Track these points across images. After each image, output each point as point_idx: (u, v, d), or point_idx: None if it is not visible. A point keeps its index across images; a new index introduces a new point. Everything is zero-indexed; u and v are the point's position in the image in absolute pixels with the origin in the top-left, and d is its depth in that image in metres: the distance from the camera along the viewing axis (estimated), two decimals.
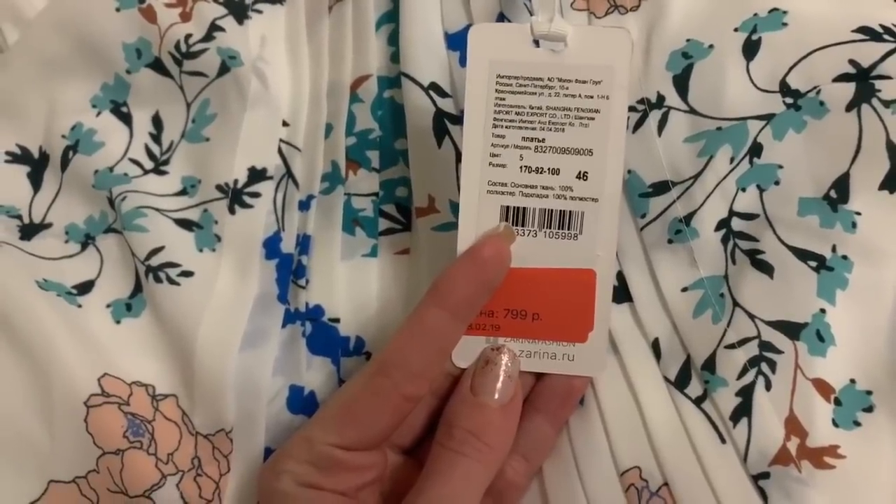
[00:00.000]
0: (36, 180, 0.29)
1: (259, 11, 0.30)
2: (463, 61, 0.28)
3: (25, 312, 0.25)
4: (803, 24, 0.25)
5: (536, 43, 0.23)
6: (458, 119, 0.28)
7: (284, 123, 0.29)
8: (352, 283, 0.28)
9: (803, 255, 0.25)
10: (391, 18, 0.29)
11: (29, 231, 0.28)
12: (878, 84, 0.24)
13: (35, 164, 0.29)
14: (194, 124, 0.29)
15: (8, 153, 0.29)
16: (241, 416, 0.25)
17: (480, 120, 0.24)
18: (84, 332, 0.26)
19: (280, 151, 0.29)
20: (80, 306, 0.27)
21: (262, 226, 0.28)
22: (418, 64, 0.28)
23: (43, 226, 0.28)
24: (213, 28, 0.29)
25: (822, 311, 0.24)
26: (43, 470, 0.25)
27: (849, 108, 0.25)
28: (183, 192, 0.29)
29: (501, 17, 0.29)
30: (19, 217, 0.28)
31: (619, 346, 0.26)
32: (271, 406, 0.26)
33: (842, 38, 0.25)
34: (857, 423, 0.24)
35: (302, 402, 0.27)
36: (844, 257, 0.24)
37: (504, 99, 0.23)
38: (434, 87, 0.28)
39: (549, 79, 0.23)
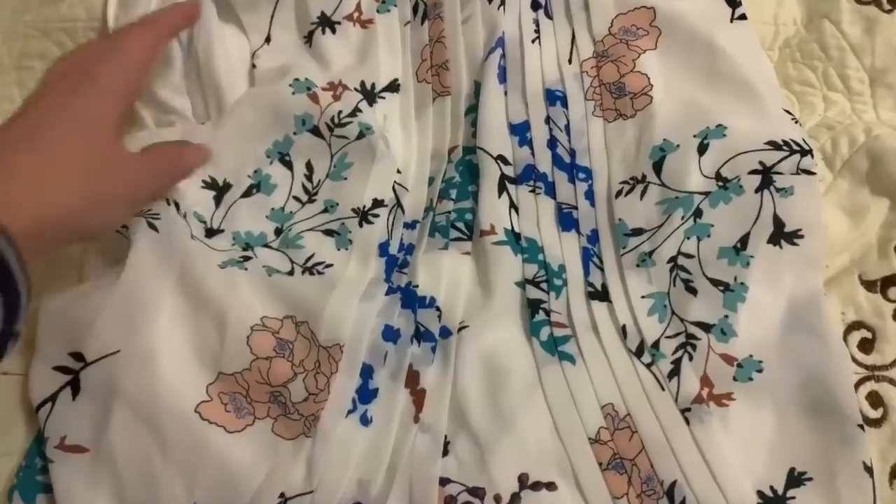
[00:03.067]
0: (218, 201, 0.40)
1: (383, 97, 0.42)
2: (521, 143, 0.40)
3: (211, 278, 0.36)
4: (736, 136, 0.37)
5: None
6: (513, 180, 0.40)
7: (398, 171, 0.41)
8: (431, 266, 0.38)
9: (715, 282, 0.36)
10: (473, 110, 0.41)
11: (210, 233, 0.39)
12: (775, 178, 0.36)
13: (219, 190, 0.40)
14: (335, 169, 0.40)
15: (203, 181, 0.40)
16: (351, 336, 0.35)
17: None
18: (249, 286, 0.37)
19: (393, 189, 0.40)
20: (246, 269, 0.37)
21: (378, 236, 0.39)
22: (490, 143, 0.39)
23: (218, 230, 0.39)
24: (356, 109, 0.41)
25: (726, 316, 0.35)
26: (215, 365, 0.35)
27: (756, 191, 0.36)
28: (324, 211, 0.40)
29: (548, 119, 0.41)
30: (205, 223, 0.39)
31: (599, 329, 0.37)
32: (372, 334, 0.36)
33: (757, 147, 0.37)
34: (751, 379, 0.35)
35: (392, 335, 0.36)
36: (742, 283, 0.35)
37: None
38: (501, 158, 0.39)
39: None
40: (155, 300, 0.36)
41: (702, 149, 0.37)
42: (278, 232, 0.40)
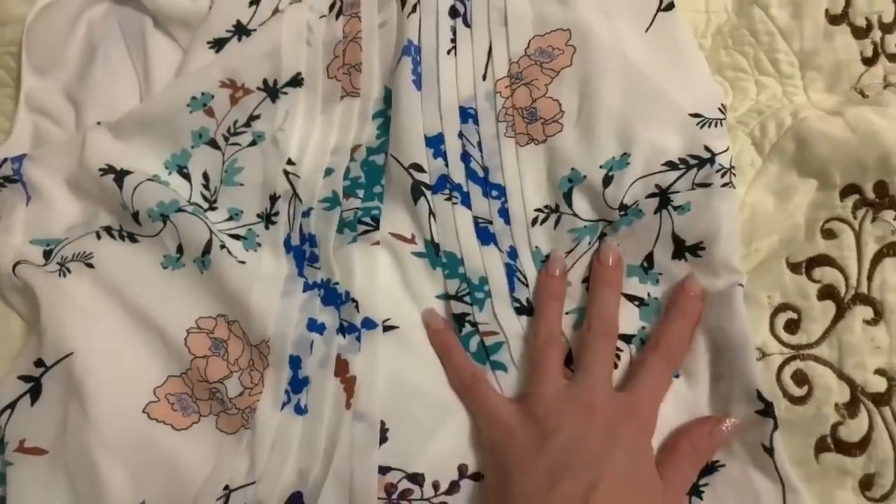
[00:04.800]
0: (120, 185, 0.41)
1: (285, 93, 0.43)
2: (435, 155, 0.41)
3: (147, 292, 0.40)
4: (635, 163, 0.39)
5: None
6: (427, 186, 0.40)
7: (290, 162, 0.42)
8: (342, 261, 0.39)
9: (631, 298, 0.38)
10: (381, 115, 0.43)
11: (135, 216, 0.41)
12: (672, 197, 0.38)
13: (118, 175, 0.41)
14: (227, 174, 0.43)
15: (101, 169, 0.42)
16: (276, 332, 0.37)
17: None
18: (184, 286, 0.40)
19: (288, 179, 0.41)
20: (184, 266, 0.40)
21: (282, 233, 0.41)
22: (402, 152, 0.40)
23: (134, 213, 0.41)
24: (252, 117, 0.43)
25: (644, 327, 0.38)
26: (164, 366, 0.38)
27: (655, 212, 0.38)
28: (230, 219, 0.42)
29: (461, 134, 0.42)
30: (123, 205, 0.41)
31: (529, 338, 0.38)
32: (297, 328, 0.38)
33: (653, 170, 0.38)
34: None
35: (317, 328, 0.38)
36: (655, 298, 0.38)
37: None
38: (414, 166, 0.40)
39: None
40: (100, 318, 0.39)
41: (606, 181, 0.39)
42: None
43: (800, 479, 0.34)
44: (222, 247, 0.39)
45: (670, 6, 0.42)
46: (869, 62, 0.42)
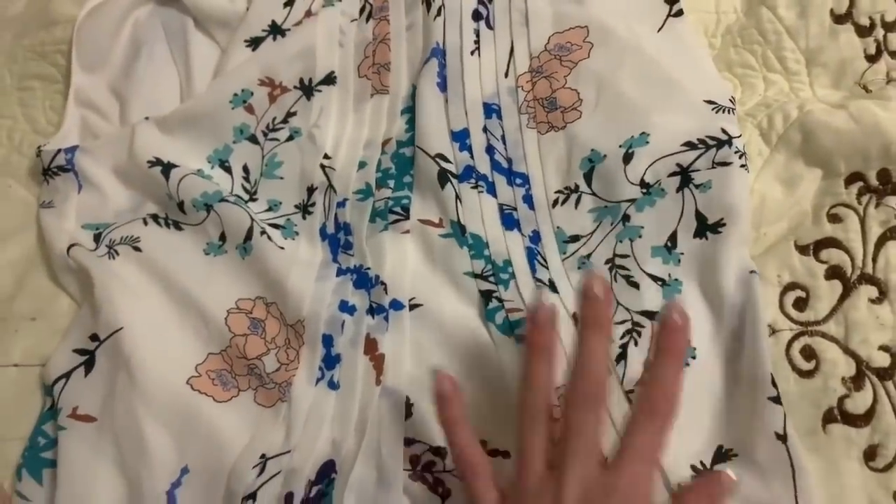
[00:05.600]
0: (167, 176, 0.44)
1: (319, 91, 0.46)
2: (461, 148, 0.43)
3: (191, 273, 0.43)
4: (656, 142, 0.40)
5: None
6: (455, 175, 0.42)
7: (326, 156, 0.44)
8: (374, 248, 0.42)
9: (654, 278, 0.39)
10: (409, 111, 0.45)
11: (181, 206, 0.44)
12: (693, 175, 0.39)
13: (165, 167, 0.44)
14: (267, 168, 0.45)
15: (148, 161, 0.45)
16: (310, 313, 0.40)
17: None
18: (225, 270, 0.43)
19: (324, 171, 0.43)
20: (226, 252, 0.43)
21: (318, 222, 0.43)
22: (428, 143, 0.43)
23: (179, 202, 0.43)
24: (289, 114, 0.45)
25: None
26: (205, 345, 0.41)
27: (677, 191, 0.40)
28: (269, 210, 0.44)
29: (485, 129, 0.44)
30: (170, 196, 0.44)
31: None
32: (329, 308, 0.40)
33: (674, 150, 0.40)
34: (688, 364, 0.37)
35: (348, 309, 0.40)
36: (676, 279, 0.39)
37: None
38: (440, 156, 0.42)
39: None
40: (147, 297, 0.41)
41: (626, 158, 0.40)
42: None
43: (808, 449, 0.36)
44: (262, 233, 0.42)
45: (680, 12, 0.45)
46: (872, 59, 0.44)
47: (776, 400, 0.35)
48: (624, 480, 0.29)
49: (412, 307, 0.40)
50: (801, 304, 0.38)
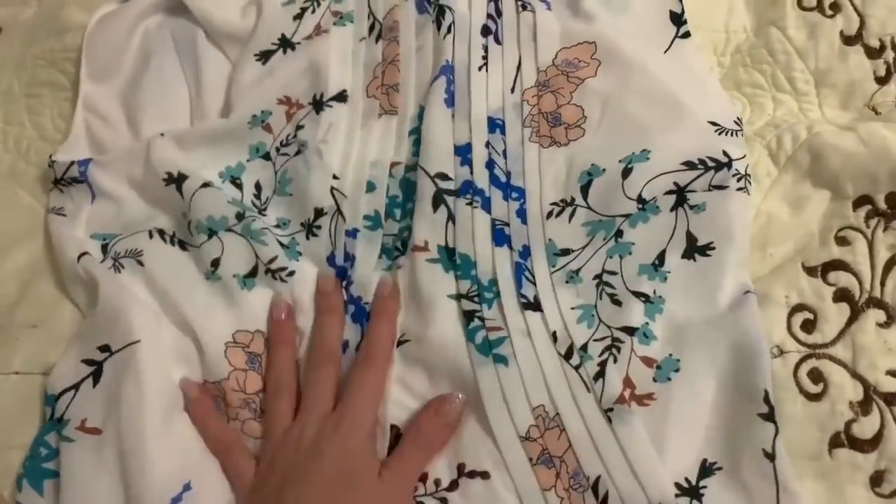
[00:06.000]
0: (179, 190, 0.44)
1: (330, 106, 0.46)
2: (462, 163, 0.43)
3: (190, 303, 0.42)
4: (656, 159, 0.41)
5: None
6: (452, 193, 0.42)
7: (335, 177, 0.44)
8: (373, 284, 0.42)
9: (637, 294, 0.39)
10: (416, 132, 0.45)
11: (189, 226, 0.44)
12: (688, 196, 0.40)
13: (177, 181, 0.44)
14: (279, 185, 0.45)
15: (163, 178, 0.45)
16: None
17: None
18: (224, 303, 0.42)
19: (333, 195, 0.43)
20: (220, 279, 0.42)
21: (324, 248, 0.43)
22: (429, 162, 0.43)
23: (188, 221, 0.44)
24: (298, 126, 0.45)
25: (647, 323, 0.39)
26: (201, 371, 0.41)
27: (671, 210, 0.40)
28: (277, 226, 0.44)
29: (488, 143, 0.44)
30: (185, 214, 0.44)
31: (532, 334, 0.39)
32: None
33: (672, 168, 0.40)
34: (669, 379, 0.37)
35: (342, 347, 0.41)
36: (660, 297, 0.39)
37: None
38: (440, 175, 0.42)
39: None
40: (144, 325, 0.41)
41: (625, 173, 0.41)
42: (239, 217, 0.43)
43: (813, 474, 0.35)
44: (267, 272, 0.42)
45: (687, 34, 0.45)
46: (882, 81, 0.44)
47: (767, 417, 0.35)
48: (350, 410, 0.37)
49: (400, 343, 0.40)
50: (808, 327, 0.38)
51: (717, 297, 0.38)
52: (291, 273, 0.42)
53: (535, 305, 0.40)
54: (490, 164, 0.43)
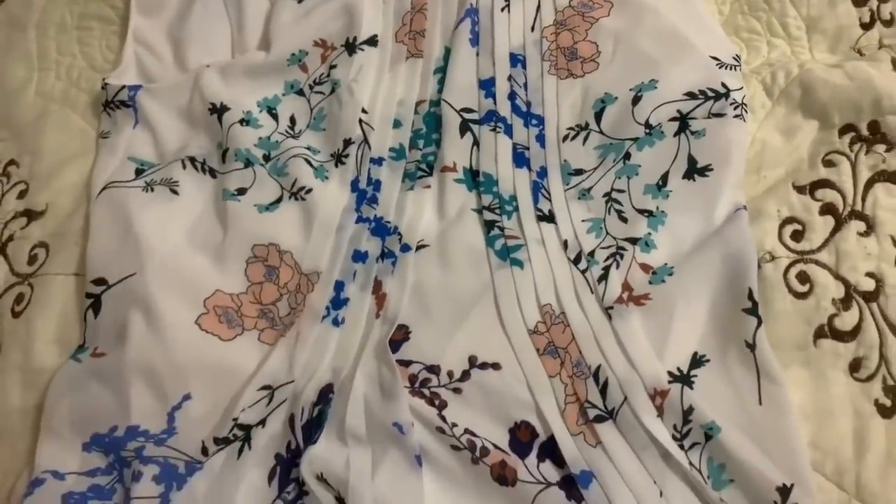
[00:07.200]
0: (220, 121, 0.48)
1: (362, 49, 0.50)
2: (486, 95, 0.47)
3: (221, 214, 0.46)
4: (662, 88, 0.45)
5: None
6: (477, 121, 0.47)
7: (364, 111, 0.48)
8: (398, 203, 0.46)
9: (642, 211, 0.43)
10: (440, 71, 0.50)
11: (224, 155, 0.48)
12: (690, 122, 0.44)
13: (219, 112, 0.48)
14: (314, 121, 0.49)
15: (208, 108, 0.49)
16: (327, 265, 0.43)
17: None
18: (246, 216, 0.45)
19: (361, 128, 0.47)
20: (239, 201, 0.46)
21: (350, 173, 0.46)
22: (454, 97, 0.47)
23: (225, 150, 0.47)
24: (331, 66, 0.49)
25: (649, 233, 0.43)
26: (215, 280, 0.43)
27: (675, 135, 0.44)
28: (308, 149, 0.47)
29: (510, 77, 0.48)
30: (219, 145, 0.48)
31: (546, 242, 0.44)
32: (344, 261, 0.44)
33: (676, 97, 0.45)
34: (663, 282, 0.41)
35: (360, 257, 0.44)
36: (662, 211, 0.43)
37: None
38: (465, 109, 0.47)
39: None
40: (167, 240, 0.44)
41: (635, 100, 0.45)
42: (266, 158, 0.47)
43: (799, 361, 0.40)
44: (290, 196, 0.46)
45: None
46: (866, 27, 0.49)
47: (751, 312, 0.39)
48: None
49: (419, 248, 0.44)
50: (797, 236, 0.43)
51: (713, 213, 0.42)
52: (310, 190, 0.45)
53: (549, 218, 0.44)
54: (512, 96, 0.48)
